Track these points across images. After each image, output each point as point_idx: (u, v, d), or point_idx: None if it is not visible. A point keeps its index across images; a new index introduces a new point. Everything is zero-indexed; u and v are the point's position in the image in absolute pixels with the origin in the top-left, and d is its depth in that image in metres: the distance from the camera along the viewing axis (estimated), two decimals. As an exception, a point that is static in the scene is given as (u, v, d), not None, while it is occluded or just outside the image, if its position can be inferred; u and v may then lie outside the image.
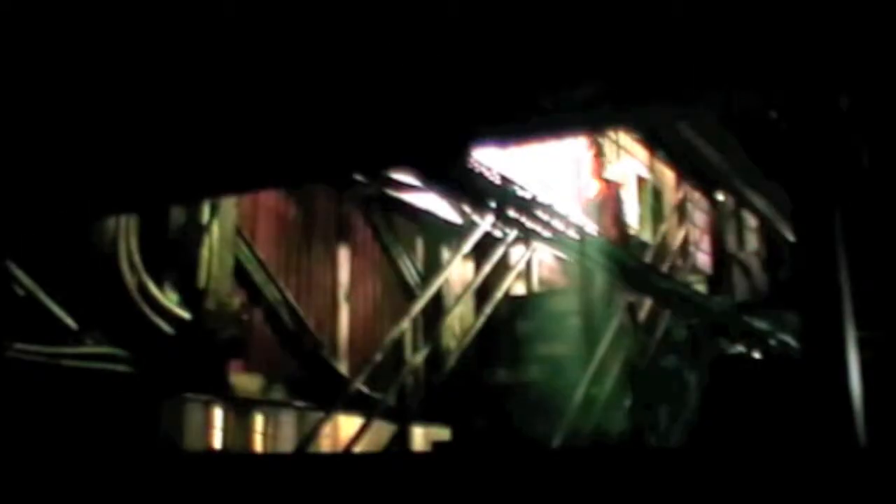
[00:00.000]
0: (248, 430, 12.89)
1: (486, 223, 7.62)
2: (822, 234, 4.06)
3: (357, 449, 6.82)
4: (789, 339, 8.92)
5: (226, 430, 12.57)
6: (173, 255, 7.16)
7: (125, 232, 6.83)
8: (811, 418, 4.25)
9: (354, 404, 6.98)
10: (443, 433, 8.05)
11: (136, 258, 6.91)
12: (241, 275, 7.73)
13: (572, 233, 6.41)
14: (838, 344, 3.85)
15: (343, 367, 8.69)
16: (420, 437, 8.35)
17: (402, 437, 6.82)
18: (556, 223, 6.02)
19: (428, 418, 8.21)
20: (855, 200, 4.78)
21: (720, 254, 10.01)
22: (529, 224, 5.91)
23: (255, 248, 7.96)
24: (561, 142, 9.44)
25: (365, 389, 7.32)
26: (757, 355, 9.09)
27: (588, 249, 6.78)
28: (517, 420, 7.27)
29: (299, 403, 8.04)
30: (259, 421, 12.91)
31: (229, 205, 7.44)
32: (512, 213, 5.70)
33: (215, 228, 7.27)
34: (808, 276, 4.08)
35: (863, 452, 3.69)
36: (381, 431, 7.69)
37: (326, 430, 11.61)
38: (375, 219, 9.26)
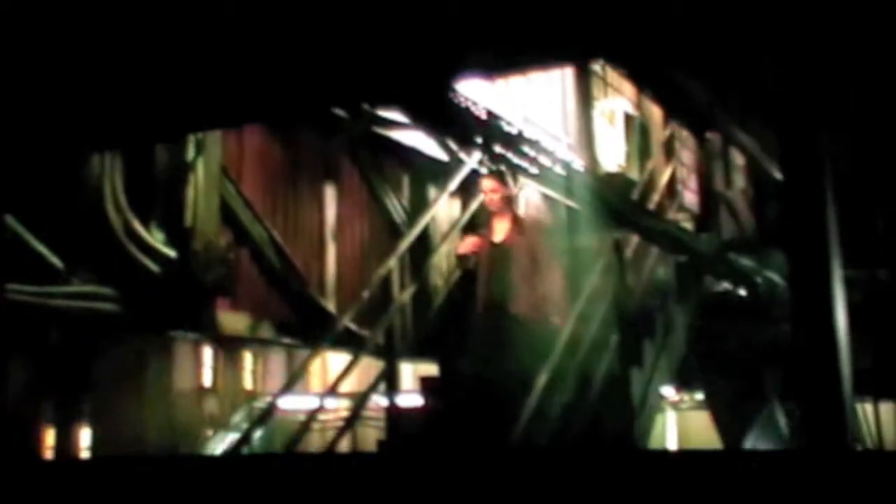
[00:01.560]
0: (236, 369, 12.99)
1: (472, 161, 7.60)
2: (809, 172, 4.07)
3: (344, 385, 6.87)
4: (775, 277, 8.98)
5: (215, 370, 12.67)
6: (159, 195, 7.13)
7: (110, 172, 6.79)
8: (797, 355, 4.30)
9: (342, 341, 7.01)
10: (430, 369, 8.12)
11: (121, 198, 6.88)
12: (227, 215, 7.71)
13: (559, 169, 6.40)
14: (824, 282, 3.88)
15: (331, 305, 8.73)
16: (408, 373, 8.42)
17: (390, 374, 6.87)
18: (543, 159, 6.01)
19: (415, 355, 8.27)
20: (843, 139, 4.79)
21: (707, 192, 10.03)
22: (516, 160, 5.89)
23: (242, 188, 7.93)
24: (547, 72, 9.39)
25: (353, 327, 7.35)
26: (742, 293, 9.16)
27: (574, 186, 6.77)
28: (503, 358, 7.31)
29: (287, 341, 8.08)
30: (248, 359, 13.01)
31: (214, 144, 7.39)
32: (498, 148, 5.67)
33: (200, 168, 7.24)
34: (795, 214, 4.10)
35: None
36: (369, 368, 7.74)
37: (315, 367, 11.69)
38: (362, 157, 9.22)
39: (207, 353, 13.54)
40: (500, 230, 6.92)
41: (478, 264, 6.91)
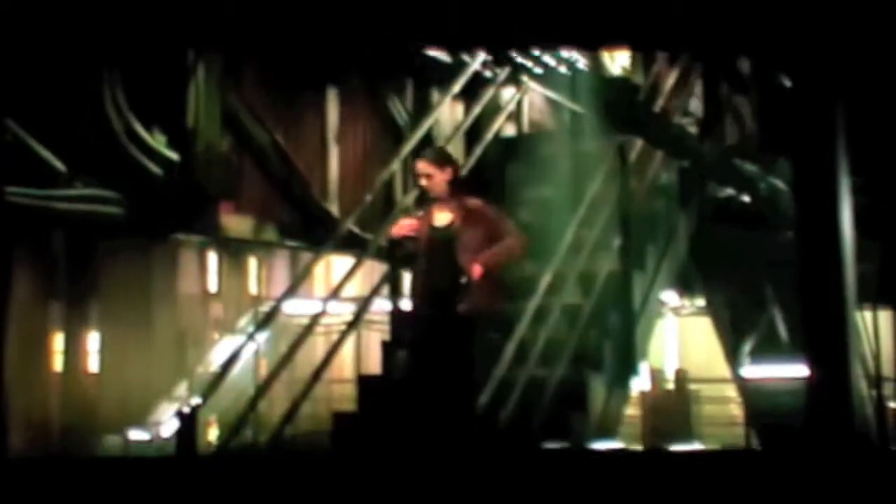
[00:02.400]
0: (241, 274, 13.08)
1: (476, 63, 7.51)
2: (817, 78, 4.03)
3: (348, 289, 6.90)
4: (779, 184, 8.94)
5: (220, 275, 12.76)
6: (160, 97, 7.08)
7: (110, 74, 6.74)
8: (800, 261, 4.31)
9: (346, 245, 7.03)
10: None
11: (122, 101, 6.84)
12: (229, 118, 7.66)
13: (563, 70, 6.33)
14: (831, 190, 3.87)
15: (334, 209, 8.73)
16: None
17: (392, 277, 6.90)
18: (547, 59, 5.93)
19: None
20: (852, 48, 4.71)
21: (712, 98, 9.92)
22: (520, 60, 5.80)
23: (243, 91, 7.86)
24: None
25: (356, 230, 7.36)
26: (745, 199, 9.13)
27: (578, 89, 6.70)
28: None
29: (291, 244, 8.10)
30: (252, 265, 13.10)
31: (215, 46, 7.30)
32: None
33: (201, 71, 7.17)
34: (802, 120, 4.07)
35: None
36: (373, 272, 7.78)
37: (318, 271, 11.75)
38: (364, 60, 9.11)
39: (212, 258, 13.64)
40: (442, 214, 5.94)
41: (415, 250, 5.99)
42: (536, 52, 5.95)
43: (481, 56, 7.17)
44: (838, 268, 3.94)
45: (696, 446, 5.83)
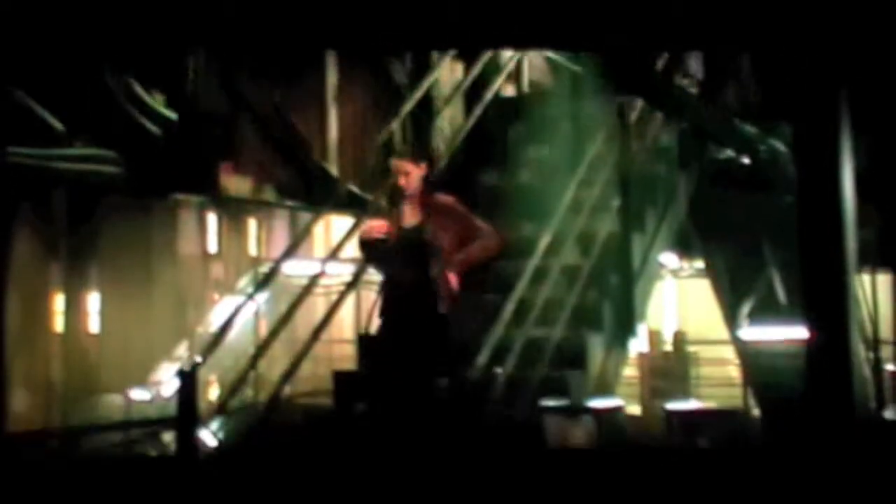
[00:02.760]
0: (241, 235, 13.10)
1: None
2: (820, 38, 4.01)
3: (348, 250, 6.91)
4: (779, 146, 8.92)
5: (220, 236, 12.78)
6: (159, 58, 7.05)
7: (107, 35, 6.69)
8: (801, 224, 4.31)
9: (345, 205, 7.03)
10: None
11: (121, 61, 6.82)
12: (228, 78, 7.63)
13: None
14: (832, 153, 3.86)
15: (333, 169, 8.71)
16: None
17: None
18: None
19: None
20: (855, 10, 4.68)
21: (713, 60, 9.87)
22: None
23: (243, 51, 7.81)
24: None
25: (356, 190, 7.36)
26: (745, 161, 9.11)
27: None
28: (506, 221, 7.34)
29: (290, 204, 8.09)
30: (252, 226, 13.12)
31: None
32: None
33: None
34: (803, 82, 4.05)
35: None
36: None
37: (318, 232, 11.76)
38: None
39: (212, 219, 13.66)
40: (412, 213, 5.67)
41: (386, 253, 5.61)
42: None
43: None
44: (839, 231, 3.94)
45: (693, 404, 5.89)
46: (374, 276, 7.96)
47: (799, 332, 4.84)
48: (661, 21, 4.14)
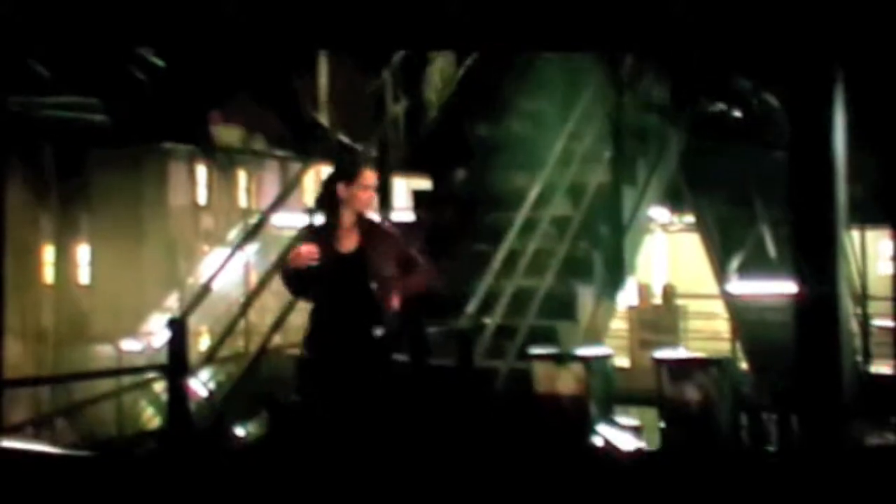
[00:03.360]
0: (231, 187, 13.06)
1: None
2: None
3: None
4: (772, 100, 8.89)
5: (210, 187, 12.74)
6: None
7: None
8: (792, 179, 4.30)
9: (335, 155, 7.01)
10: (423, 184, 8.13)
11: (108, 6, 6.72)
12: (218, 25, 7.55)
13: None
14: (825, 107, 3.84)
15: (324, 119, 8.67)
16: (401, 189, 8.44)
17: (383, 188, 6.88)
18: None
19: (409, 169, 8.27)
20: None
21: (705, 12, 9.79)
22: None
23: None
24: None
25: (346, 140, 7.33)
26: (738, 114, 9.09)
27: None
28: (496, 173, 7.33)
29: (280, 153, 8.07)
30: (242, 177, 13.07)
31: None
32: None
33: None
34: (797, 34, 4.02)
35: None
36: (362, 183, 7.74)
37: (308, 183, 11.70)
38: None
39: (202, 171, 13.62)
40: (349, 236, 4.87)
41: (314, 282, 4.82)
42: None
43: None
44: (829, 187, 3.94)
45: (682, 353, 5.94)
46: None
47: (788, 287, 4.85)
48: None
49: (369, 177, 4.89)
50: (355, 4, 4.70)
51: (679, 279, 14.14)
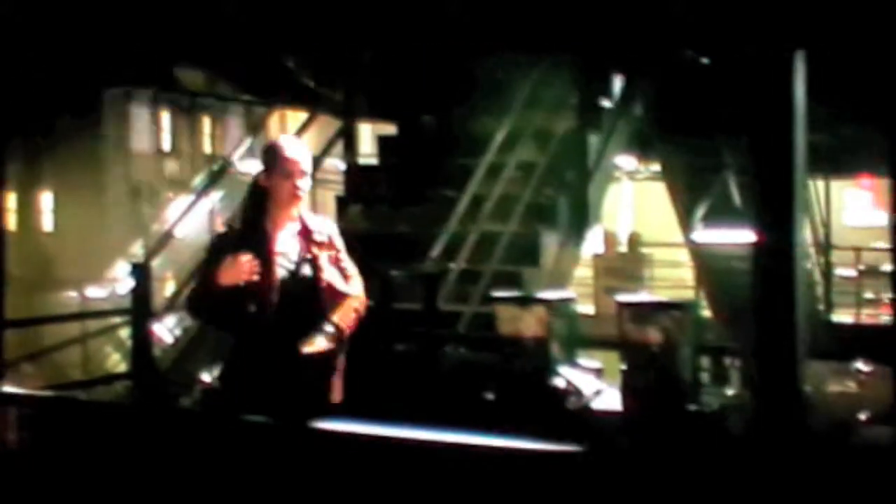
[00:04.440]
0: (195, 133, 12.94)
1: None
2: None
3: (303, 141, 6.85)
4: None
5: (174, 134, 12.62)
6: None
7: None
8: (752, 125, 4.31)
9: (301, 99, 6.96)
10: (389, 129, 8.10)
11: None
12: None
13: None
14: (785, 58, 3.84)
15: (289, 61, 8.58)
16: (366, 132, 8.41)
17: (347, 133, 6.85)
18: None
19: (375, 115, 8.23)
20: None
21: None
22: None
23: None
24: None
25: (311, 84, 7.27)
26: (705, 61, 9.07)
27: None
28: (461, 116, 7.29)
29: (245, 97, 7.99)
30: (206, 123, 12.96)
31: None
32: None
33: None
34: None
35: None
36: (328, 127, 7.71)
37: (274, 129, 11.62)
38: None
39: (165, 116, 13.48)
40: (289, 240, 3.80)
41: (240, 305, 3.70)
42: None
43: None
44: (788, 135, 3.95)
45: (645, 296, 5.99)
46: (328, 173, 7.93)
47: (752, 235, 4.88)
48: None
49: (292, 162, 3.73)
50: (355, 4, 4.63)
51: (645, 227, 14.21)
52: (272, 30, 8.48)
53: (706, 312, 10.39)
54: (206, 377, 5.87)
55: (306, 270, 3.76)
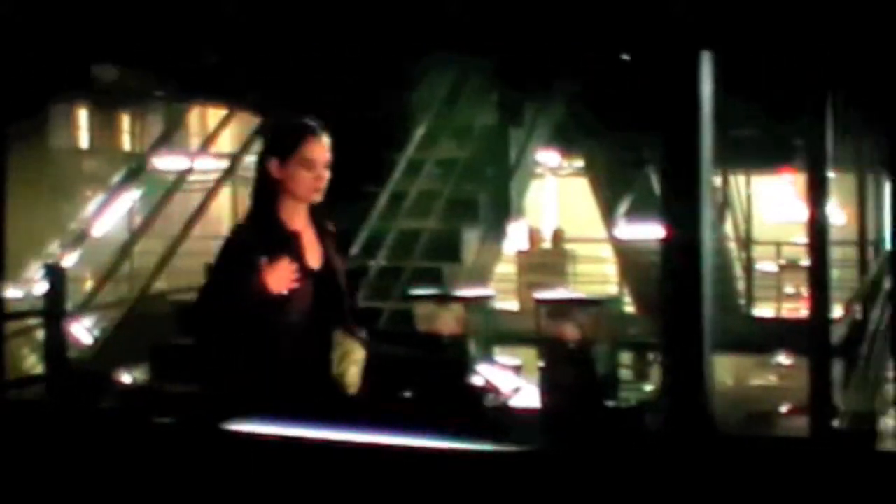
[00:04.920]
0: (114, 130, 12.71)
1: None
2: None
3: (227, 146, 6.78)
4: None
5: (92, 131, 12.38)
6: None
7: None
8: (662, 119, 4.36)
9: (220, 94, 6.87)
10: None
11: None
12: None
13: None
14: (691, 58, 3.90)
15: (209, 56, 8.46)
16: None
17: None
18: None
19: (298, 110, 8.13)
20: None
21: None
22: None
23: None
24: None
25: (230, 79, 7.19)
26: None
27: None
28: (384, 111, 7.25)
29: (163, 94, 7.86)
30: (126, 121, 12.75)
31: None
32: None
33: None
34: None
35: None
36: (250, 124, 7.61)
37: (195, 127, 11.48)
38: None
39: (83, 114, 13.22)
40: (311, 244, 3.36)
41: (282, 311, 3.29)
42: None
43: None
44: (695, 131, 4.01)
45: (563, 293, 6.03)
46: (250, 171, 7.83)
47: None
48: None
49: (316, 148, 3.22)
50: (355, 4, 4.57)
51: (569, 223, 14.32)
52: (194, 25, 8.36)
53: (630, 308, 10.49)
54: (125, 378, 5.77)
55: (330, 269, 3.36)
